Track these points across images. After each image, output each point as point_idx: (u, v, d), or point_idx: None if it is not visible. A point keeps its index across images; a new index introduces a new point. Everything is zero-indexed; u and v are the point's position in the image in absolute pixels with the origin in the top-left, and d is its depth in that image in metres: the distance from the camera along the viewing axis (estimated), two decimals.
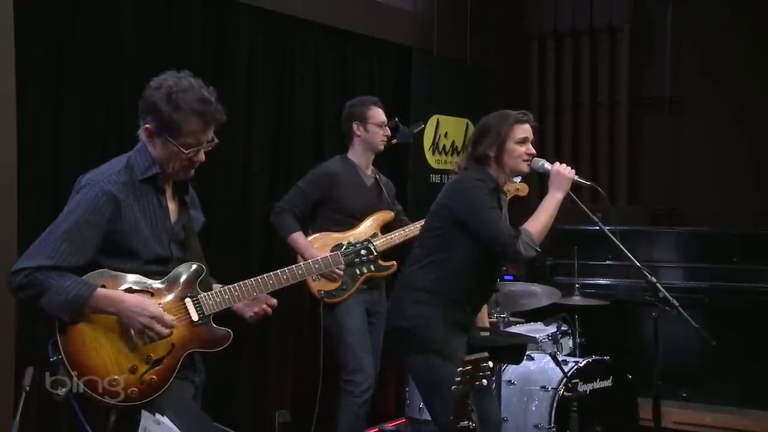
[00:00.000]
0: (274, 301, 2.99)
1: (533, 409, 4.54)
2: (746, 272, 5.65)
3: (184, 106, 2.62)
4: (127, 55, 4.32)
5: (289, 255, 4.39)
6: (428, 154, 6.34)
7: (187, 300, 2.74)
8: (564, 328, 5.10)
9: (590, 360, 4.69)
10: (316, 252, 4.31)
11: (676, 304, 3.36)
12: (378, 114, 4.49)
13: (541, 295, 4.81)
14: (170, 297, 2.72)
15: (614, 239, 3.49)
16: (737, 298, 5.60)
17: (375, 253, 3.27)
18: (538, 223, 3.40)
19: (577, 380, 4.47)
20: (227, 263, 4.37)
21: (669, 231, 6.23)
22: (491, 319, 4.56)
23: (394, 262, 4.48)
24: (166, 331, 2.63)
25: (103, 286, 2.61)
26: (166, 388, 2.66)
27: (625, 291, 5.79)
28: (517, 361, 4.13)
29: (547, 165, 3.56)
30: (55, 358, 2.58)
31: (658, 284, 3.42)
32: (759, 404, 5.55)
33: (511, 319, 5.19)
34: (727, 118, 6.28)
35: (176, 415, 2.54)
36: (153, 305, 2.62)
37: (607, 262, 5.90)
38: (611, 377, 4.72)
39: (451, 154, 6.47)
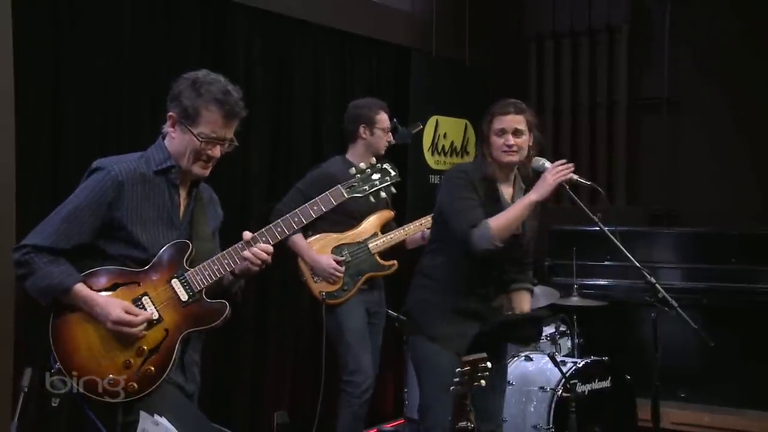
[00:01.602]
0: (268, 247, 2.74)
1: (532, 409, 4.54)
2: (745, 273, 5.65)
3: (206, 94, 2.67)
4: (125, 56, 4.32)
5: (289, 256, 4.40)
6: (427, 155, 6.34)
7: (174, 281, 2.71)
8: (562, 328, 5.10)
9: (589, 360, 4.69)
10: (315, 254, 4.31)
11: (675, 304, 3.36)
12: (385, 119, 4.50)
13: (539, 295, 4.80)
14: (157, 281, 2.70)
15: (614, 240, 3.48)
16: (736, 298, 5.60)
17: (395, 172, 2.86)
18: (503, 219, 3.39)
19: (576, 381, 4.47)
20: None
21: (667, 231, 6.24)
22: None
23: (395, 262, 4.48)
24: (132, 330, 2.62)
25: (89, 285, 2.63)
26: (167, 373, 2.65)
27: (624, 291, 5.79)
28: (532, 339, 4.11)
29: (548, 164, 3.59)
30: (55, 369, 2.60)
31: (657, 285, 3.42)
32: (757, 405, 5.55)
33: None
34: (726, 118, 6.28)
35: (174, 416, 2.54)
36: (116, 310, 2.60)
37: (606, 262, 5.90)
38: (610, 378, 4.72)
39: (450, 155, 6.47)
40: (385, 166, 2.86)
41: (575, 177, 3.52)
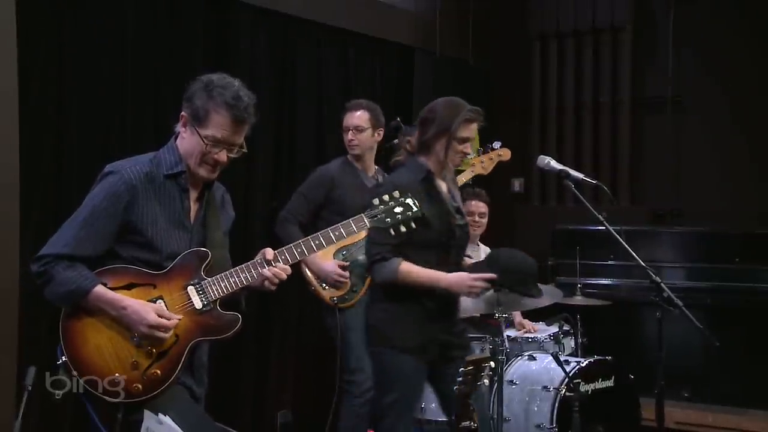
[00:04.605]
0: (286, 268, 2.79)
1: (535, 409, 4.53)
2: (748, 272, 5.65)
3: (217, 97, 2.66)
4: (129, 55, 4.32)
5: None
6: None
7: (190, 288, 2.71)
8: (566, 328, 5.09)
9: (592, 360, 4.68)
10: (320, 261, 4.30)
11: (680, 304, 3.35)
12: (345, 118, 4.50)
13: (542, 294, 4.79)
14: (173, 286, 2.69)
15: (619, 239, 3.48)
16: (739, 298, 5.60)
17: (417, 207, 2.86)
18: (414, 275, 3.35)
19: (579, 380, 4.46)
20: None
21: (671, 231, 6.23)
22: (493, 319, 4.55)
23: None
24: (166, 335, 2.63)
25: (104, 284, 2.62)
26: (173, 379, 2.65)
27: (627, 291, 5.79)
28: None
29: (553, 163, 3.60)
30: (61, 361, 2.60)
31: (662, 284, 3.41)
32: (761, 404, 5.55)
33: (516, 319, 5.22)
34: (729, 117, 6.28)
35: (178, 415, 2.55)
36: (151, 314, 2.60)
37: (609, 262, 5.90)
38: (613, 377, 4.71)
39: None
40: (408, 200, 2.88)
41: (581, 176, 3.53)
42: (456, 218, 3.49)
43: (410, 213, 2.86)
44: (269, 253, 2.77)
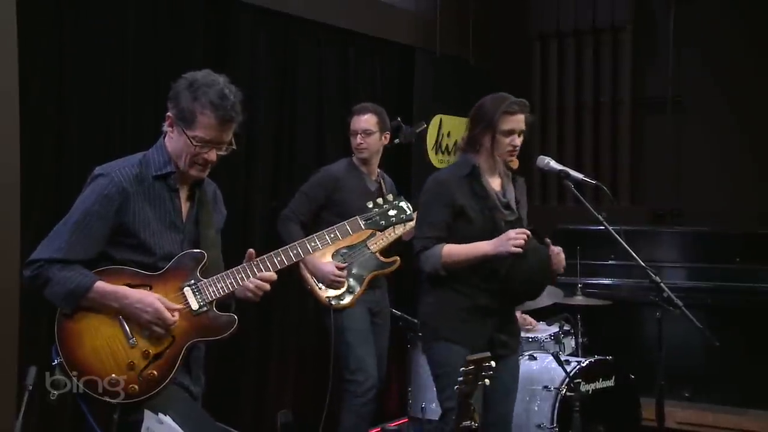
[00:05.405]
0: (272, 275, 2.81)
1: (536, 409, 4.53)
2: (748, 272, 5.65)
3: (202, 97, 2.64)
4: (129, 55, 4.31)
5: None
6: (431, 154, 6.33)
7: (186, 289, 2.71)
8: (566, 327, 5.09)
9: (592, 360, 4.68)
10: (317, 260, 4.29)
11: (680, 304, 3.35)
12: (353, 122, 4.49)
13: (543, 294, 4.79)
14: (169, 287, 2.69)
15: (619, 239, 3.48)
16: (740, 298, 5.60)
17: (410, 211, 2.95)
18: (455, 255, 3.38)
19: (580, 380, 4.46)
20: (228, 263, 4.36)
21: (671, 231, 6.23)
22: None
23: (397, 258, 4.47)
24: (171, 323, 2.63)
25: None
26: (170, 380, 2.64)
27: (628, 291, 5.79)
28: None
29: (553, 163, 3.60)
30: (56, 362, 2.60)
31: (662, 284, 3.42)
32: (761, 404, 5.54)
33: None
34: (730, 117, 6.28)
35: (178, 415, 2.54)
36: (156, 303, 2.61)
37: (610, 261, 5.89)
38: (614, 377, 4.71)
39: (454, 154, 6.47)
40: (401, 204, 2.94)
41: (580, 176, 3.53)
42: (504, 214, 3.48)
43: (404, 216, 2.94)
44: (251, 253, 2.79)
